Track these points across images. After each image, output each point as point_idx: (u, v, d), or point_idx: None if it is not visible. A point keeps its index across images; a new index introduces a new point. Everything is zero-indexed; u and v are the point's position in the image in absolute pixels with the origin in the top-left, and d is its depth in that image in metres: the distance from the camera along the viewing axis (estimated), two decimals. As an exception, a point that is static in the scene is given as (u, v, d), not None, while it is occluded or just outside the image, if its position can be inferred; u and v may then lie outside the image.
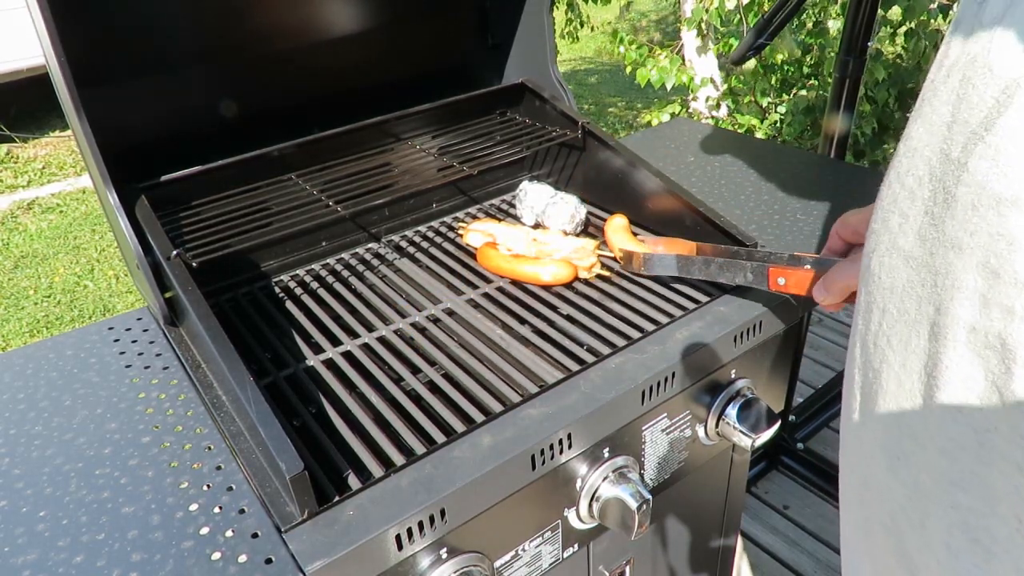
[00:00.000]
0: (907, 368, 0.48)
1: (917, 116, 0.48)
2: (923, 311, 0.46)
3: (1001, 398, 0.41)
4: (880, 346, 0.51)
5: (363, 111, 1.21)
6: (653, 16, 8.96)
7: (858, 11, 1.63)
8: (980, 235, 0.41)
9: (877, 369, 0.52)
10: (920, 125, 0.48)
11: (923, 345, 0.46)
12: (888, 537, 0.53)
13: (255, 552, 0.69)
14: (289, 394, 0.90)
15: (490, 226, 1.21)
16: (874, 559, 0.56)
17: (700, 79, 4.04)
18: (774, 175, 1.43)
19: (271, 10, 1.14)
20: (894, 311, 0.49)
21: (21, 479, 0.80)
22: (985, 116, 0.41)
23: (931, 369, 0.46)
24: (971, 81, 0.43)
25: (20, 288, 3.96)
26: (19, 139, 5.74)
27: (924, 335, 0.46)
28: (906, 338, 0.48)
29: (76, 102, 0.86)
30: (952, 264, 0.43)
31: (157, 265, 0.95)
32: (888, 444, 0.51)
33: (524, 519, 0.86)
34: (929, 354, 0.46)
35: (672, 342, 0.93)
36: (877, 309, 0.52)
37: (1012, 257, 0.39)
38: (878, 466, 0.53)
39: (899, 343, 0.49)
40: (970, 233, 0.42)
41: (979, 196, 0.41)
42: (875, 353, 0.52)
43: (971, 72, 0.43)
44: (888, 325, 0.50)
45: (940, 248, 0.44)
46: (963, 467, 0.44)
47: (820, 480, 2.21)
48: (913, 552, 0.50)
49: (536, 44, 1.34)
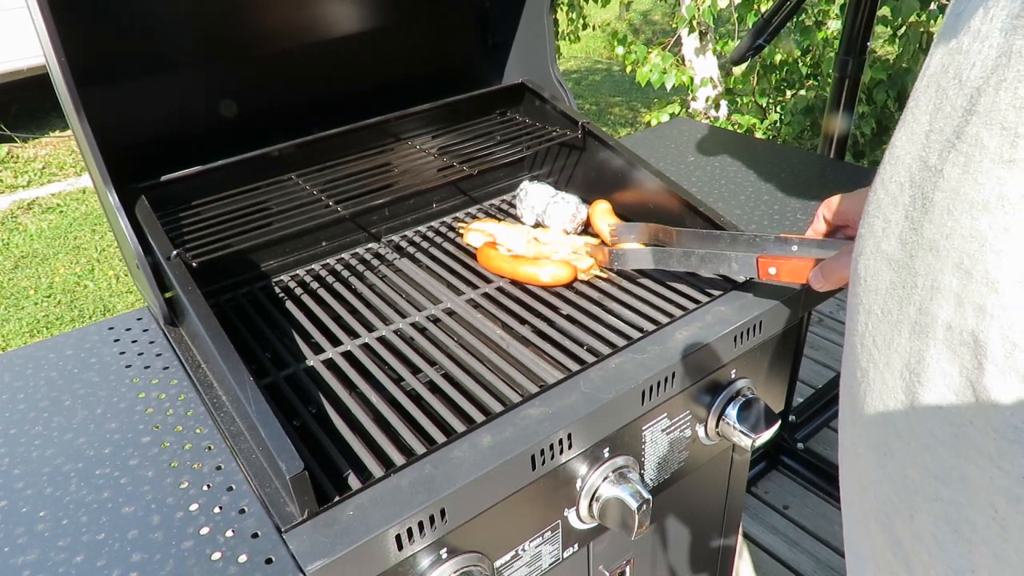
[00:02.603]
0: (890, 367, 0.50)
1: (901, 125, 0.51)
2: (904, 311, 0.48)
3: (975, 393, 0.43)
4: (867, 346, 0.53)
5: (363, 111, 1.21)
6: (655, 15, 8.96)
7: (857, 11, 1.63)
8: (955, 237, 0.43)
9: (864, 368, 0.54)
10: (903, 134, 0.50)
11: (904, 344, 0.48)
12: (884, 533, 0.54)
13: (255, 552, 0.69)
14: (289, 394, 0.90)
15: (490, 226, 1.21)
16: (875, 555, 0.57)
17: (700, 79, 4.05)
18: (774, 175, 1.43)
19: (271, 10, 1.14)
20: (878, 312, 0.51)
21: (21, 479, 0.80)
22: (956, 125, 0.43)
23: (913, 367, 0.47)
24: (944, 91, 0.45)
25: (20, 288, 3.96)
26: (19, 139, 5.74)
27: (906, 334, 0.48)
28: (889, 338, 0.50)
29: (76, 102, 0.86)
30: (931, 265, 0.45)
31: (157, 265, 0.95)
32: (876, 442, 0.53)
33: (524, 519, 0.86)
34: (910, 353, 0.47)
35: (672, 342, 0.93)
36: (863, 311, 0.53)
37: (983, 257, 0.41)
38: (870, 464, 0.55)
39: (883, 343, 0.50)
40: (946, 236, 0.44)
41: (953, 201, 0.43)
42: (862, 353, 0.54)
43: (944, 82, 0.45)
44: (873, 325, 0.52)
45: (919, 251, 0.46)
46: (943, 461, 0.46)
47: (820, 480, 2.22)
48: (907, 546, 0.51)
49: (536, 44, 1.34)
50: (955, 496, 0.46)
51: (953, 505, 0.46)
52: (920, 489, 0.49)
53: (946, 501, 0.46)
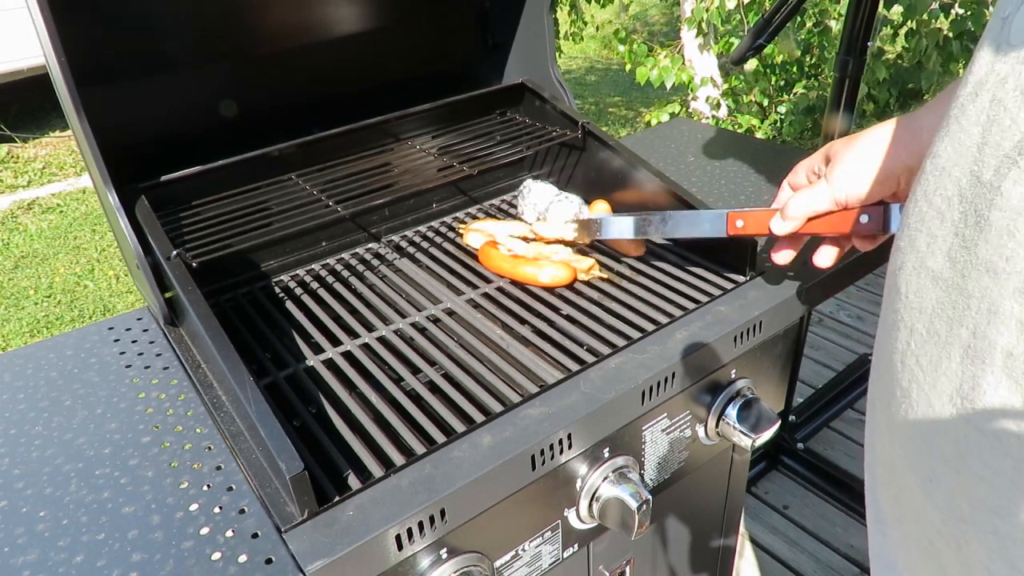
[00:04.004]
0: (937, 390, 0.47)
1: (945, 134, 0.48)
2: (955, 333, 0.45)
3: None
4: (909, 365, 0.50)
5: (363, 111, 1.21)
6: (653, 16, 8.96)
7: (858, 11, 1.63)
8: (1017, 261, 0.41)
9: (906, 388, 0.51)
10: (948, 144, 0.47)
11: (955, 368, 0.46)
12: (927, 558, 0.53)
13: (255, 552, 0.69)
14: (289, 394, 0.90)
15: (490, 226, 1.21)
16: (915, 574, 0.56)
17: (700, 79, 4.04)
18: (774, 175, 1.43)
19: (271, 10, 1.14)
20: (923, 331, 0.49)
21: (21, 479, 0.80)
22: (1019, 140, 0.40)
23: (966, 393, 0.45)
24: (1002, 103, 0.42)
25: (20, 288, 3.96)
26: (19, 139, 5.74)
27: (956, 358, 0.45)
28: (936, 359, 0.47)
29: (76, 102, 0.86)
30: (988, 288, 0.43)
31: (157, 265, 0.95)
32: (919, 464, 0.51)
33: (524, 519, 0.86)
34: (962, 378, 0.45)
35: (672, 342, 0.93)
36: (904, 328, 0.51)
37: None
38: (911, 485, 0.53)
39: (929, 364, 0.48)
40: (1006, 259, 0.41)
41: (1015, 222, 0.41)
42: (903, 372, 0.51)
43: (1001, 93, 0.42)
44: (917, 345, 0.49)
45: (973, 271, 0.44)
46: (1001, 494, 0.44)
47: (820, 480, 2.22)
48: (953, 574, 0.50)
49: (536, 44, 1.34)
50: (1015, 532, 0.43)
51: (1012, 541, 0.44)
52: (972, 520, 0.46)
53: (1004, 536, 0.44)
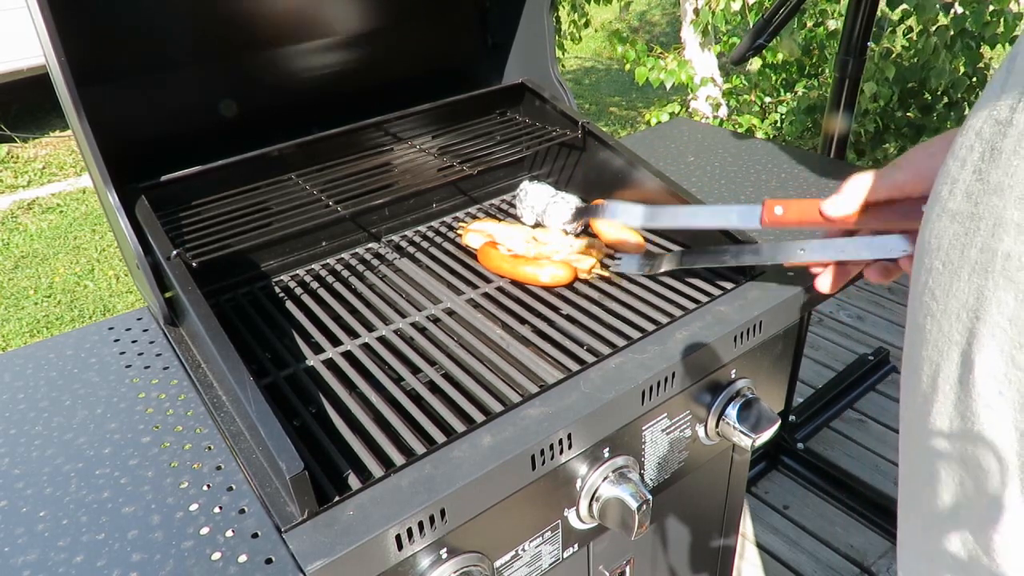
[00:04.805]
0: (948, 313, 0.49)
1: (976, 107, 0.50)
2: (966, 256, 0.47)
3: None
4: (925, 302, 0.51)
5: (363, 111, 1.21)
6: (653, 16, 8.96)
7: (858, 11, 1.63)
8: (1019, 173, 0.42)
9: (920, 324, 0.52)
10: (977, 109, 0.49)
11: (963, 287, 0.47)
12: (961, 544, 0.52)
13: (255, 552, 0.69)
14: (289, 394, 0.90)
15: (490, 226, 1.21)
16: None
17: (700, 78, 4.04)
18: (774, 175, 1.43)
19: (271, 10, 1.14)
20: (939, 266, 0.50)
21: (21, 479, 0.80)
22: None
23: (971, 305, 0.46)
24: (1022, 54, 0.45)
25: (20, 288, 3.96)
26: (19, 139, 5.74)
27: (965, 277, 0.47)
28: (948, 286, 0.49)
29: (76, 102, 0.86)
30: (995, 206, 0.44)
31: (157, 265, 0.95)
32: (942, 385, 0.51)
33: (524, 519, 0.86)
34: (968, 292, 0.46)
35: (672, 342, 0.93)
36: (924, 271, 0.52)
37: None
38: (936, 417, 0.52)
39: (942, 293, 0.49)
40: (1010, 175, 0.43)
41: (1020, 141, 0.43)
42: (919, 311, 0.52)
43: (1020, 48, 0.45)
44: (933, 280, 0.50)
45: (984, 196, 0.45)
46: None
47: (820, 480, 2.22)
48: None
49: (536, 44, 1.34)
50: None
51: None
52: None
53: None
